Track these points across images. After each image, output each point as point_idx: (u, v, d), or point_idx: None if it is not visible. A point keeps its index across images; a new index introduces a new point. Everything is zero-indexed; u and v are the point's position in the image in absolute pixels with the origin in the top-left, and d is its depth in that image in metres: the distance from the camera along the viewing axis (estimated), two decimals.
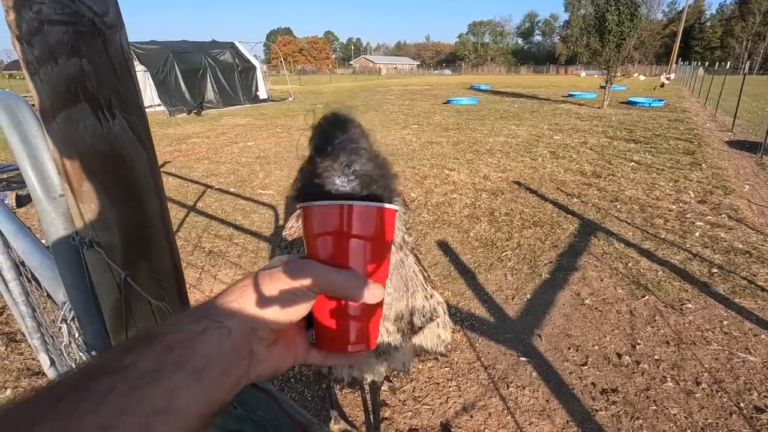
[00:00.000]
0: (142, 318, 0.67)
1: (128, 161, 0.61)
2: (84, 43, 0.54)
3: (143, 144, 0.63)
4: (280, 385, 2.29)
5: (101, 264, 0.63)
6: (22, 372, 2.35)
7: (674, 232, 3.99)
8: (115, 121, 0.58)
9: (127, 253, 0.63)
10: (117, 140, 0.59)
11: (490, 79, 42.46)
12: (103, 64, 0.56)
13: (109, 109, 0.57)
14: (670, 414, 2.02)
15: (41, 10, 0.51)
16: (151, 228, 0.65)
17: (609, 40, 13.33)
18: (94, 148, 0.57)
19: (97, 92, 0.56)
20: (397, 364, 1.26)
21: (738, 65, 41.80)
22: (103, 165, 0.58)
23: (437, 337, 1.21)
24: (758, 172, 6.23)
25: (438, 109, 14.25)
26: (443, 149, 7.69)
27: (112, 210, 0.60)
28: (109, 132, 0.58)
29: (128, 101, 0.60)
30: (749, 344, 2.49)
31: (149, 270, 0.65)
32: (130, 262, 0.63)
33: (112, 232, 0.62)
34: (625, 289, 3.09)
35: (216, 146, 8.49)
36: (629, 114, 12.29)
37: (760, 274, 3.23)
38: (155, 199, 0.65)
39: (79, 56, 0.54)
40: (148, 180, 0.63)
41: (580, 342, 2.55)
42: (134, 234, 0.63)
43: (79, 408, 0.28)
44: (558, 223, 4.25)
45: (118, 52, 0.58)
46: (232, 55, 16.55)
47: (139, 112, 0.62)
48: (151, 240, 0.66)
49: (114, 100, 0.58)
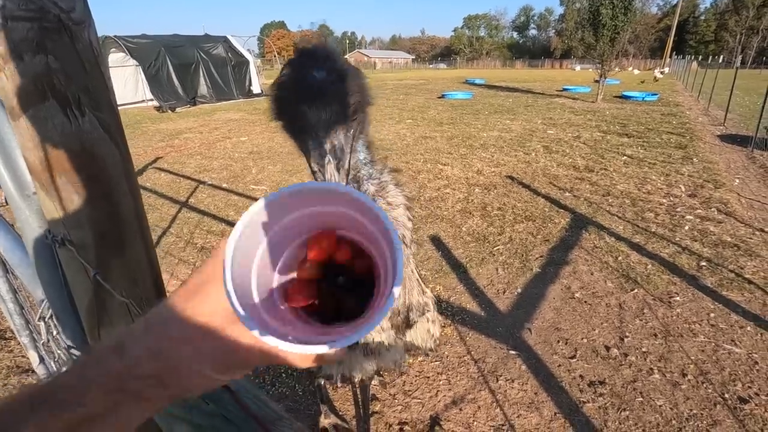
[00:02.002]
0: (117, 316, 0.67)
1: (100, 159, 0.60)
2: (50, 40, 0.53)
3: (115, 142, 0.62)
4: (271, 380, 2.29)
5: (75, 262, 0.63)
6: (12, 370, 2.34)
7: (664, 226, 4.03)
8: (84, 118, 0.58)
9: (100, 251, 0.63)
10: (87, 138, 0.58)
11: (485, 73, 42.39)
12: (71, 61, 0.56)
13: (78, 107, 0.57)
14: (656, 405, 2.05)
15: (5, 6, 0.51)
16: (125, 226, 0.65)
17: (603, 34, 13.34)
18: (63, 146, 0.57)
19: (65, 89, 0.56)
20: (388, 362, 1.25)
21: (731, 59, 41.91)
22: (73, 163, 0.58)
23: (427, 332, 1.21)
24: (748, 166, 6.28)
25: (432, 103, 14.22)
26: (437, 144, 7.69)
27: (85, 208, 0.60)
28: (79, 130, 0.58)
29: (99, 98, 0.59)
30: (735, 336, 2.52)
31: (123, 268, 0.65)
32: (104, 260, 0.63)
33: (84, 230, 0.61)
34: (615, 282, 3.11)
35: (209, 141, 8.44)
36: (623, 108, 12.33)
37: (747, 266, 3.27)
38: (129, 198, 0.65)
39: (45, 53, 0.53)
40: (120, 178, 0.63)
41: (569, 335, 2.57)
42: (108, 232, 0.63)
43: None
44: (550, 218, 4.27)
45: (86, 48, 0.57)
46: (225, 49, 16.39)
47: (110, 109, 0.62)
48: (125, 239, 0.66)
49: (83, 97, 0.57)
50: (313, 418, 2.04)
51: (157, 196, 5.14)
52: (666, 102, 13.76)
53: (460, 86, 21.62)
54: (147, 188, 5.54)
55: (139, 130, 10.09)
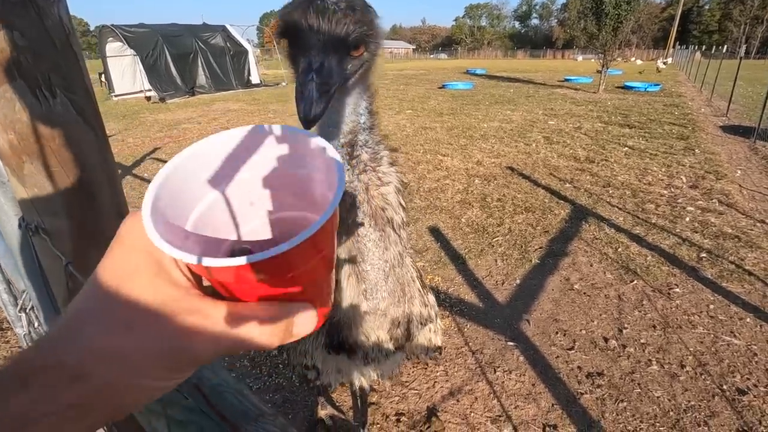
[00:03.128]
0: None
1: (74, 144, 0.57)
2: (15, 15, 0.50)
3: (90, 125, 0.59)
4: (268, 371, 2.29)
5: (51, 251, 0.61)
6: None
7: (665, 217, 4.00)
8: (56, 100, 0.55)
9: (77, 241, 0.60)
10: (59, 120, 0.55)
11: (487, 63, 41.98)
12: (40, 39, 0.52)
13: (48, 88, 0.54)
14: (654, 396, 2.04)
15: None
16: (104, 215, 0.63)
17: (606, 23, 13.16)
18: (33, 128, 0.54)
19: (33, 69, 0.52)
20: (386, 372, 1.22)
21: (735, 49, 41.57)
22: (44, 147, 0.55)
23: (428, 341, 1.17)
24: (751, 157, 6.23)
25: (433, 94, 14.09)
26: (437, 135, 7.62)
27: (58, 195, 0.57)
28: (50, 111, 0.55)
29: (71, 79, 0.56)
30: (734, 327, 2.51)
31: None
32: (81, 250, 0.60)
33: (59, 218, 0.59)
34: (614, 274, 3.09)
35: (208, 132, 8.35)
36: (625, 99, 12.22)
37: (748, 258, 3.25)
38: (106, 186, 0.62)
39: (10, 28, 0.50)
40: (96, 165, 0.60)
41: (567, 326, 2.56)
42: (85, 221, 0.61)
43: None
44: (550, 209, 4.24)
45: (56, 25, 0.54)
46: (224, 39, 16.20)
47: (84, 92, 0.59)
48: (104, 228, 0.63)
49: (54, 77, 0.54)
50: (310, 409, 2.03)
51: None
52: (668, 93, 13.63)
53: (461, 76, 21.43)
54: (145, 179, 5.51)
55: (137, 120, 10.02)
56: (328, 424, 1.93)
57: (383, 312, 0.85)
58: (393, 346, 0.98)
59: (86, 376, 0.26)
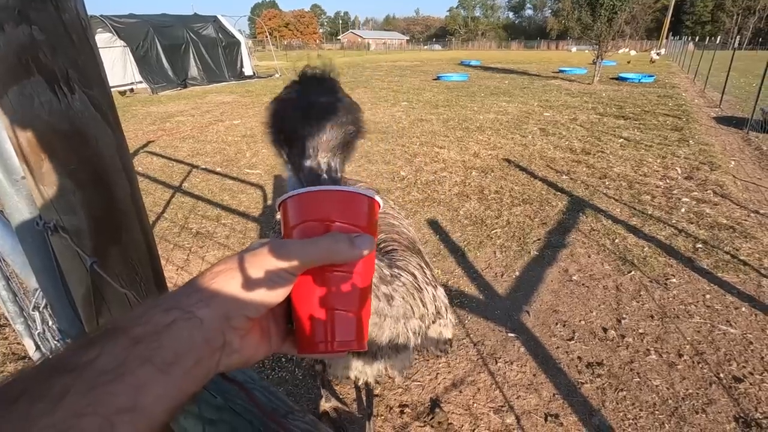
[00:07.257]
0: (116, 304, 0.64)
1: (92, 140, 0.57)
2: (33, 9, 0.49)
3: (108, 121, 0.58)
4: (271, 365, 2.29)
5: (69, 250, 0.60)
6: (8, 357, 2.32)
7: (661, 208, 4.04)
8: (74, 96, 0.54)
9: (96, 238, 0.59)
10: (78, 117, 0.54)
11: (481, 54, 41.82)
12: (58, 33, 0.51)
13: (66, 83, 0.53)
14: (653, 385, 2.08)
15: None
16: (122, 212, 0.62)
17: (600, 13, 13.14)
18: (52, 126, 0.53)
19: (52, 64, 0.51)
20: (397, 367, 1.22)
21: (728, 40, 41.64)
22: (63, 144, 0.54)
23: (438, 335, 1.18)
24: (744, 148, 6.29)
25: (428, 85, 14.03)
26: (433, 127, 7.60)
27: (77, 193, 0.57)
28: (69, 108, 0.53)
29: (89, 75, 0.55)
30: (730, 317, 2.55)
31: (121, 255, 0.62)
32: (100, 247, 0.60)
33: (78, 216, 0.58)
34: (612, 265, 3.13)
35: (201, 125, 8.28)
36: (619, 90, 12.25)
37: (742, 248, 3.30)
38: (124, 181, 0.61)
39: (28, 23, 0.49)
40: (115, 160, 0.59)
41: (567, 317, 2.59)
42: (103, 218, 0.60)
43: (33, 411, 0.26)
44: (547, 201, 4.26)
45: (74, 19, 0.53)
46: (216, 30, 15.96)
47: (101, 86, 0.57)
48: (121, 224, 0.62)
49: (72, 73, 0.53)
50: (314, 402, 2.04)
51: (149, 181, 5.06)
52: (662, 84, 13.68)
53: (456, 68, 21.33)
54: (139, 173, 5.45)
55: (129, 113, 9.88)
56: (332, 416, 1.94)
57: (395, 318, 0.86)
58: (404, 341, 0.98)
59: (233, 319, 0.35)
